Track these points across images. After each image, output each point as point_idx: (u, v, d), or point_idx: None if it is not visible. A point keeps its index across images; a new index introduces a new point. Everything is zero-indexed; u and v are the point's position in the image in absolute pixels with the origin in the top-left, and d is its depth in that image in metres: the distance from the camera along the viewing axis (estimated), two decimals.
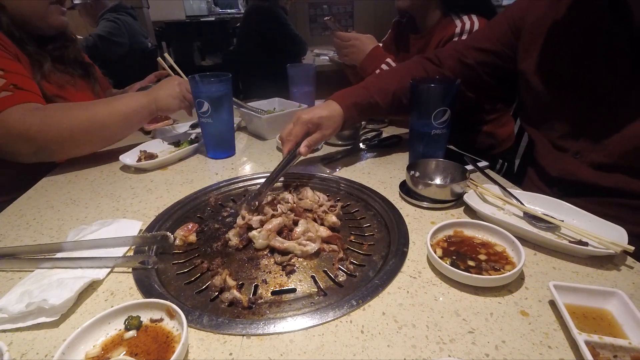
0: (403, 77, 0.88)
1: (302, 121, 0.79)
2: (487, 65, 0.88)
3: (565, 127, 0.76)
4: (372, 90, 0.86)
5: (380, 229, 0.66)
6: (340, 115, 0.83)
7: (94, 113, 0.88)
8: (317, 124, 0.80)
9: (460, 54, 0.90)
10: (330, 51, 2.87)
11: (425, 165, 0.78)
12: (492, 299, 0.49)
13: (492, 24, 0.91)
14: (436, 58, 0.92)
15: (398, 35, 1.35)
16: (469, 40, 0.92)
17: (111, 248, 0.61)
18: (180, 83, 0.99)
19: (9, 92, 0.82)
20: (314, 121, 0.79)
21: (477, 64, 0.88)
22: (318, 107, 0.83)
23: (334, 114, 0.82)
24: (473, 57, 0.88)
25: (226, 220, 0.69)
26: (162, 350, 0.42)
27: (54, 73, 1.01)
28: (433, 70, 0.91)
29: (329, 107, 0.83)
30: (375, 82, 0.89)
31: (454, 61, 0.90)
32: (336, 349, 0.42)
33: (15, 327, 0.46)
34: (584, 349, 0.38)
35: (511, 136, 1.32)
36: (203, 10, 4.01)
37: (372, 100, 0.86)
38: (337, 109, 0.83)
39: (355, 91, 0.87)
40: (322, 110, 0.81)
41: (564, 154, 0.77)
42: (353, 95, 0.86)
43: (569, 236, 0.59)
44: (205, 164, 0.95)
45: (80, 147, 0.90)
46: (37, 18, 0.97)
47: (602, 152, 0.70)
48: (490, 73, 0.90)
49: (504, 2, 3.89)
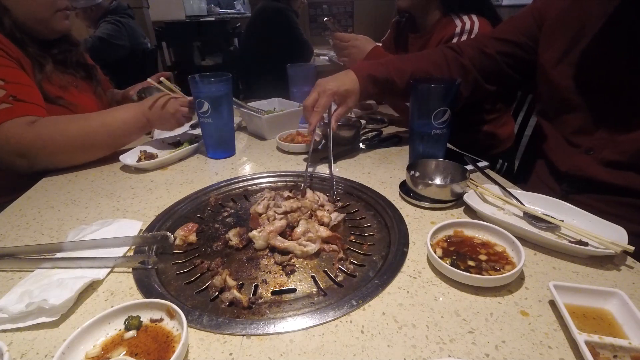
0: (421, 60, 0.88)
1: (329, 92, 0.79)
2: (508, 55, 0.88)
3: (579, 123, 0.76)
4: (391, 68, 0.86)
5: (380, 229, 0.66)
6: (358, 86, 0.83)
7: (87, 131, 0.90)
8: (344, 96, 0.80)
9: (481, 44, 0.90)
10: (330, 51, 2.86)
11: (425, 165, 0.78)
12: (492, 299, 0.49)
13: (517, 16, 0.91)
14: (457, 46, 0.92)
15: (397, 35, 1.35)
16: (491, 33, 0.92)
17: (111, 248, 0.61)
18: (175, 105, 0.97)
19: (8, 104, 0.83)
20: (341, 93, 0.79)
21: (498, 54, 0.88)
22: (339, 78, 0.82)
23: (355, 86, 0.82)
24: (494, 46, 0.88)
25: (226, 220, 0.69)
26: (162, 350, 0.42)
27: (56, 74, 1.01)
28: (452, 58, 0.90)
29: (349, 78, 0.83)
30: (395, 61, 0.89)
31: (475, 50, 0.90)
32: (336, 349, 0.42)
33: (15, 327, 0.46)
34: (584, 349, 0.38)
35: (511, 136, 1.32)
36: (203, 10, 4.01)
37: (390, 77, 0.86)
38: (354, 79, 0.83)
39: (374, 65, 0.87)
40: (345, 81, 0.81)
41: (576, 149, 0.76)
42: (371, 69, 0.86)
43: (569, 236, 0.59)
44: (205, 164, 0.95)
45: (74, 160, 0.92)
46: (40, 22, 0.97)
47: (615, 150, 0.70)
48: (511, 64, 0.89)
49: (504, 2, 3.89)
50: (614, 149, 0.70)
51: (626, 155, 0.69)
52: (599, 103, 0.73)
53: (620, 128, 0.69)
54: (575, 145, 0.77)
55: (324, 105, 0.79)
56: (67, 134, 0.87)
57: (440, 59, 0.90)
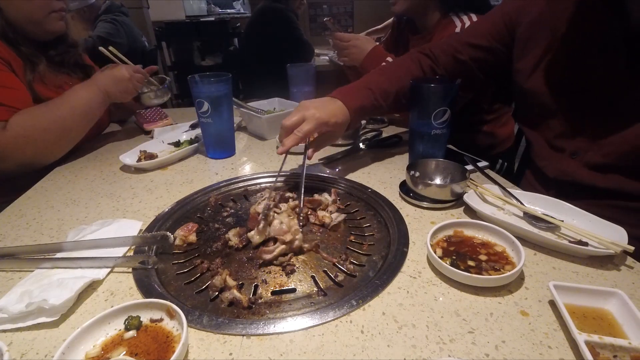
0: (403, 77, 0.87)
1: (318, 122, 0.73)
2: (480, 61, 0.88)
3: (561, 126, 0.76)
4: (377, 93, 0.85)
5: (380, 229, 0.66)
6: (348, 119, 0.80)
7: (60, 117, 0.90)
8: (332, 131, 0.76)
9: (454, 50, 0.89)
10: (330, 51, 2.86)
11: (425, 165, 0.78)
12: (492, 299, 0.49)
13: (487, 19, 0.90)
14: (432, 54, 0.92)
15: (398, 36, 1.35)
16: (464, 36, 0.91)
17: (111, 248, 0.61)
18: (128, 71, 1.01)
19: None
20: (331, 125, 0.75)
21: (471, 60, 0.88)
22: (328, 108, 0.77)
23: (345, 119, 0.79)
24: (467, 53, 0.88)
25: (226, 220, 0.69)
26: (162, 350, 0.42)
27: (50, 73, 1.00)
28: (429, 67, 0.90)
29: (340, 110, 0.78)
30: (379, 82, 0.87)
31: (449, 57, 0.90)
32: (336, 349, 0.42)
33: (15, 327, 0.46)
34: (584, 349, 0.38)
35: (511, 136, 1.32)
36: (203, 10, 4.00)
37: (377, 103, 0.85)
38: (346, 113, 0.79)
39: (360, 93, 0.84)
40: (335, 112, 0.76)
41: (561, 154, 0.77)
42: (359, 98, 0.83)
43: (569, 236, 0.59)
44: (205, 164, 0.95)
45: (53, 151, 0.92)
46: (34, 23, 0.97)
47: (599, 152, 0.70)
48: (484, 70, 0.89)
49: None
50: (598, 151, 0.70)
51: (611, 157, 0.69)
52: (578, 106, 0.73)
53: (602, 131, 0.69)
54: (559, 150, 0.77)
55: (307, 132, 0.71)
56: (42, 127, 0.87)
57: (418, 70, 0.90)
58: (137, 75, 1.02)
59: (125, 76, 0.99)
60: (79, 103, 0.93)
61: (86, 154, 1.03)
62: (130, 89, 1.02)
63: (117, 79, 0.99)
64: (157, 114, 1.22)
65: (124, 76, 0.99)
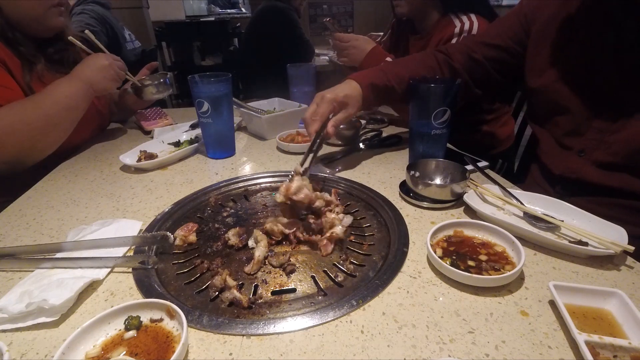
0: (416, 65, 0.88)
1: (327, 100, 0.77)
2: (495, 60, 0.89)
3: (570, 124, 0.76)
4: (390, 75, 0.86)
5: (380, 229, 0.66)
6: (361, 94, 0.82)
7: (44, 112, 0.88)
8: (343, 103, 0.79)
9: (469, 49, 0.90)
10: (330, 51, 2.86)
11: (425, 165, 0.78)
12: (492, 299, 0.49)
13: (503, 19, 0.91)
14: (447, 51, 0.92)
15: (397, 37, 1.35)
16: (479, 37, 0.93)
17: (111, 248, 0.61)
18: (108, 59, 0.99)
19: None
20: (340, 99, 0.78)
21: (485, 59, 0.89)
22: (338, 87, 0.81)
23: (356, 92, 0.81)
24: (482, 52, 0.89)
25: (226, 220, 0.69)
26: (162, 350, 0.42)
27: (48, 73, 1.00)
28: (443, 61, 0.91)
29: (350, 86, 0.81)
30: (392, 67, 0.89)
31: (463, 56, 0.90)
32: (336, 349, 0.42)
33: (15, 327, 0.46)
34: (584, 349, 0.38)
35: (511, 136, 1.32)
36: (203, 10, 4.01)
37: (389, 84, 0.85)
38: (357, 87, 0.82)
39: (372, 73, 0.87)
40: (344, 88, 0.80)
41: (568, 151, 0.77)
42: (371, 77, 0.85)
43: (569, 236, 0.59)
44: (205, 164, 0.95)
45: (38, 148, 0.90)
46: (35, 20, 0.96)
47: (606, 151, 0.70)
48: (498, 69, 0.90)
49: (504, 2, 3.89)
50: (606, 150, 0.70)
51: (618, 156, 0.69)
52: (588, 105, 0.73)
53: (610, 129, 0.70)
54: (567, 147, 0.77)
55: (323, 113, 0.76)
56: (25, 121, 0.85)
57: (433, 62, 0.91)
58: (117, 62, 1.00)
59: (104, 63, 0.98)
60: (61, 97, 0.91)
61: (86, 154, 1.03)
62: (113, 76, 1.00)
63: (97, 67, 0.98)
64: (157, 114, 1.22)
65: (103, 64, 0.97)
